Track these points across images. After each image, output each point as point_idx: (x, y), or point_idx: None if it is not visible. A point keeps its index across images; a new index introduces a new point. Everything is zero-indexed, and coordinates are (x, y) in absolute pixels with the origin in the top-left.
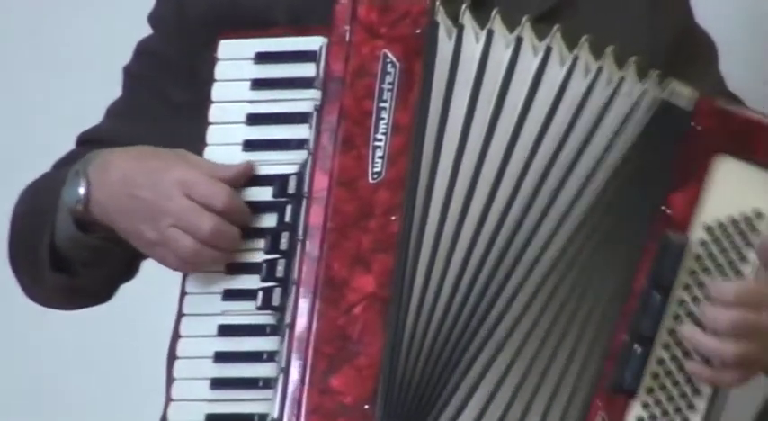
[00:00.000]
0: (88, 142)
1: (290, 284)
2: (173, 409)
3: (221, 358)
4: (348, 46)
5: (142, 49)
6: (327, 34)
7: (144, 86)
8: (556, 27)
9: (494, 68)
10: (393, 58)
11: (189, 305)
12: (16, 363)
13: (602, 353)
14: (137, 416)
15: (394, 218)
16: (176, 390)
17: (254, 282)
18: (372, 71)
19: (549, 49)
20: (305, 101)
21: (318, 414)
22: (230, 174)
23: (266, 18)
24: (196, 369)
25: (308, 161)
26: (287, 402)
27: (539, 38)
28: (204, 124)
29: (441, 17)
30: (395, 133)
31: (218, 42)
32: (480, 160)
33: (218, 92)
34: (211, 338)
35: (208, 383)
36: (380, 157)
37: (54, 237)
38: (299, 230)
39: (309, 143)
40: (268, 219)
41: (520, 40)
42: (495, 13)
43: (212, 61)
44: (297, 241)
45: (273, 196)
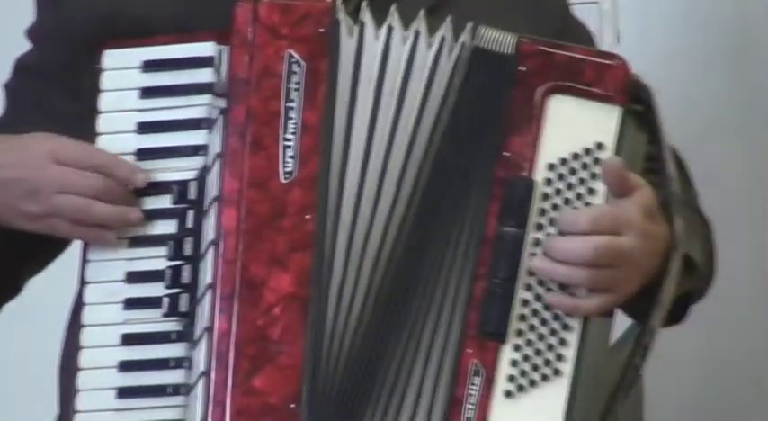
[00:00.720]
0: None
1: (199, 289)
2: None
3: (126, 367)
4: (251, 48)
5: (23, 65)
6: (217, 39)
7: (27, 101)
8: (421, 12)
9: (394, 63)
10: (298, 57)
11: (89, 315)
12: None
13: (466, 301)
14: None
15: (308, 216)
16: (81, 402)
17: (156, 290)
18: (278, 72)
19: (442, 40)
20: (199, 107)
21: (244, 415)
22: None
23: (149, 28)
24: (101, 379)
25: (209, 166)
26: (210, 405)
27: (429, 31)
28: (92, 135)
29: (342, 15)
30: (304, 132)
31: (102, 53)
32: (387, 154)
33: (105, 102)
34: (114, 348)
35: (114, 393)
36: (291, 157)
37: None
38: (204, 235)
39: (209, 148)
40: (168, 227)
41: (417, 34)
42: (393, 9)
43: (96, 72)
44: (208, 245)
45: (173, 203)
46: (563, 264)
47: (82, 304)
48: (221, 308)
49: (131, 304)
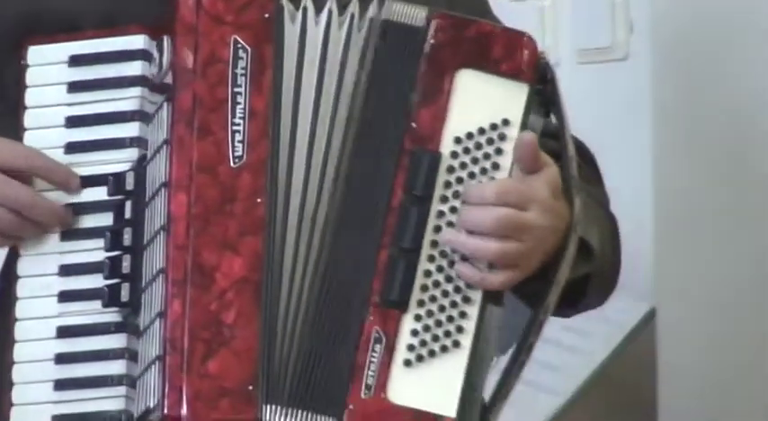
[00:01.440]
0: None
1: (144, 278)
2: (15, 414)
3: (63, 359)
4: (196, 35)
5: None
6: (148, 33)
7: None
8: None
9: (334, 47)
10: (243, 43)
11: (22, 309)
12: None
13: (370, 269)
14: None
15: (259, 200)
16: (17, 395)
17: (93, 282)
18: (223, 58)
19: (352, 17)
20: (130, 99)
21: (200, 399)
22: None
23: (74, 24)
24: (37, 372)
25: (148, 157)
26: (167, 389)
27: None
28: (17, 131)
29: (284, 1)
30: (252, 118)
31: (27, 48)
32: (329, 138)
33: (31, 97)
34: (50, 341)
35: (51, 385)
36: (240, 142)
37: None
38: (147, 224)
39: (147, 140)
40: (103, 219)
41: (353, 16)
42: None
43: (20, 68)
44: (156, 232)
45: (109, 194)
46: (471, 237)
47: (10, 299)
48: (174, 292)
49: (66, 297)
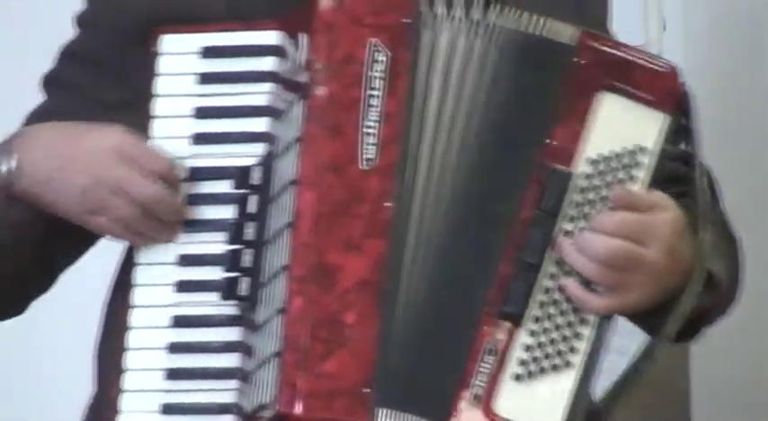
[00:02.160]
0: None
1: (264, 274)
2: (126, 400)
3: (176, 349)
4: (333, 34)
5: (70, 52)
6: (282, 28)
7: (70, 90)
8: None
9: (459, 53)
10: (382, 46)
11: (138, 296)
12: None
13: (490, 280)
14: None
15: (387, 204)
16: (129, 381)
17: (212, 274)
18: (360, 59)
19: (493, 27)
20: (260, 94)
21: (314, 397)
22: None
23: (205, 14)
24: (149, 360)
25: (277, 153)
26: (282, 386)
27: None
28: (144, 119)
29: (424, 7)
30: (385, 121)
31: (159, 37)
32: (448, 143)
33: (162, 86)
34: (165, 329)
35: (163, 374)
36: (371, 144)
37: None
38: (270, 220)
39: (276, 136)
40: (225, 212)
41: (477, 23)
42: (462, 2)
43: (151, 57)
44: (282, 228)
45: (234, 187)
46: (580, 254)
47: (128, 285)
48: (296, 289)
49: (184, 287)
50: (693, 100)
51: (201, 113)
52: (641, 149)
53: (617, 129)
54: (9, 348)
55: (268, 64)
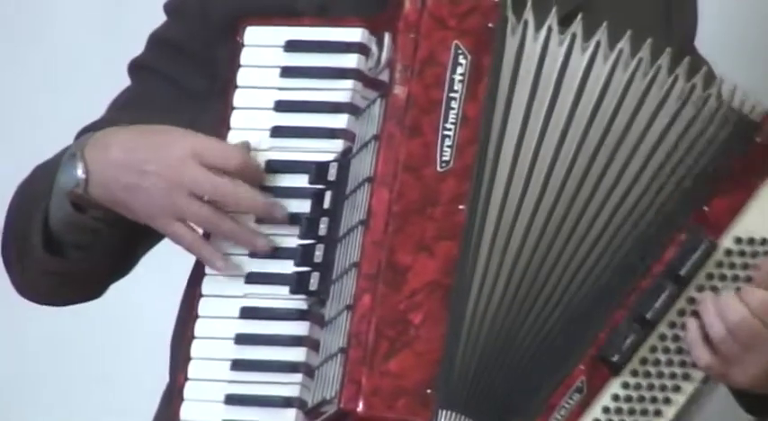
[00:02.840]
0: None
1: (335, 270)
2: (190, 388)
3: (243, 340)
4: (417, 35)
5: (157, 40)
6: (366, 26)
7: (158, 76)
8: (604, 24)
9: (549, 65)
10: (465, 49)
11: (209, 286)
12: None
13: (603, 320)
14: None
15: (461, 207)
16: (194, 370)
17: (282, 267)
18: (442, 61)
19: (597, 44)
20: (341, 91)
21: (377, 395)
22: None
23: (291, 7)
24: (215, 349)
25: (354, 150)
26: (345, 382)
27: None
28: (226, 110)
29: (509, 13)
30: (464, 124)
31: (245, 28)
32: (536, 153)
33: (244, 77)
34: (233, 320)
35: (228, 364)
36: (449, 147)
37: (48, 220)
38: (344, 217)
39: (351, 133)
40: (299, 205)
41: (574, 36)
42: (553, 12)
43: (236, 47)
44: (355, 225)
45: (310, 182)
46: (716, 312)
47: (200, 274)
48: (364, 287)
49: (254, 278)
50: None
51: (282, 106)
52: None
53: None
54: (92, 333)
55: (351, 61)
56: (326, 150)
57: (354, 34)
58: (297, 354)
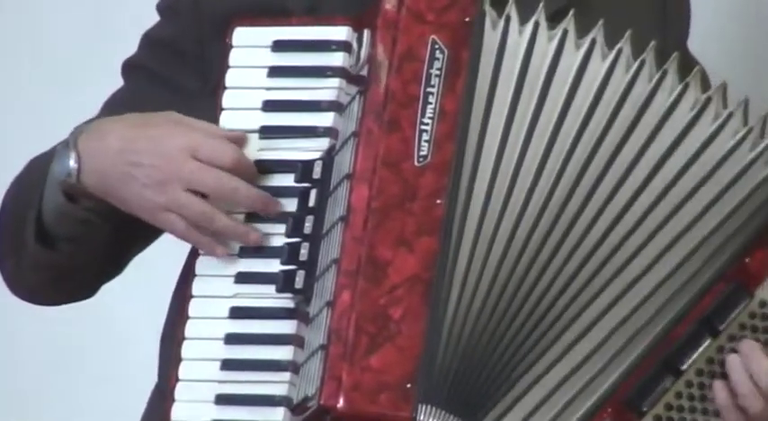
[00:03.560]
0: None
1: (318, 268)
2: (181, 389)
3: (232, 340)
4: (396, 30)
5: (150, 39)
6: (352, 25)
7: (151, 76)
8: (600, 22)
9: (538, 60)
10: (441, 44)
11: (198, 287)
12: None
13: (634, 364)
14: None
15: (439, 201)
16: (184, 371)
17: (270, 266)
18: (420, 56)
19: (593, 42)
20: (328, 89)
21: (359, 391)
22: (231, 135)
23: (280, 8)
24: (206, 350)
25: (337, 147)
26: (326, 379)
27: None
28: (216, 110)
29: (487, 7)
30: (441, 118)
31: (233, 29)
32: (524, 148)
33: (232, 78)
34: (222, 320)
35: (218, 364)
36: (427, 141)
37: (41, 212)
38: (328, 214)
39: (339, 131)
40: (286, 204)
41: (565, 32)
42: (541, 6)
43: (225, 48)
44: (335, 222)
45: (296, 181)
46: (744, 371)
47: (191, 275)
48: (344, 283)
49: (243, 278)
50: None
51: (269, 106)
52: None
53: None
54: (81, 333)
55: (337, 59)
56: (314, 149)
57: (340, 33)
58: (285, 353)
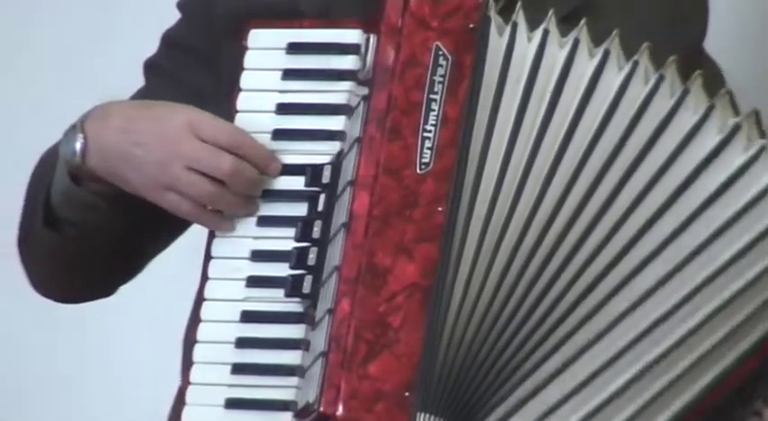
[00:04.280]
0: None
1: (323, 272)
2: (191, 393)
3: (243, 344)
4: (399, 36)
5: (169, 39)
6: (363, 27)
7: (169, 76)
8: (615, 32)
9: (547, 68)
10: (445, 50)
11: (211, 289)
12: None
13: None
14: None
15: (440, 208)
16: (195, 374)
17: (279, 270)
18: (423, 62)
19: (607, 53)
20: (340, 93)
21: (356, 399)
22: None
23: (293, 9)
24: (217, 353)
25: (344, 152)
26: (325, 387)
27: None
28: (230, 112)
29: (493, 13)
30: (444, 125)
31: (248, 31)
32: (531, 157)
33: (247, 80)
34: (234, 324)
35: (229, 368)
36: (429, 148)
37: (50, 195)
38: (334, 218)
39: (347, 134)
40: (299, 208)
41: (577, 41)
42: (551, 13)
43: (240, 50)
44: (338, 228)
45: (306, 185)
46: None
47: (205, 279)
48: (344, 291)
49: (254, 282)
50: None
51: (283, 109)
52: None
53: None
54: (96, 335)
55: (348, 62)
56: (324, 152)
57: (352, 35)
58: (293, 357)
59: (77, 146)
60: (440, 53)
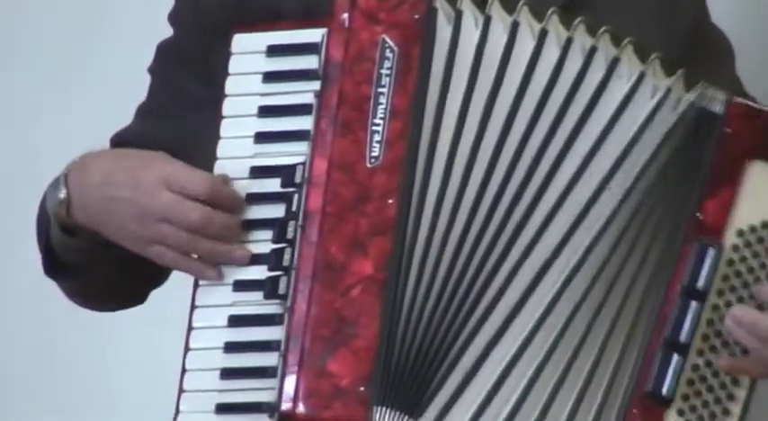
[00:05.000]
0: (119, 144)
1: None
2: (184, 401)
3: (231, 348)
4: (348, 32)
5: (162, 49)
6: (329, 24)
7: (164, 85)
8: (552, 9)
9: (491, 53)
10: (391, 43)
11: (201, 297)
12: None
13: (636, 359)
14: None
15: (391, 201)
16: (188, 382)
17: (260, 272)
18: (371, 56)
19: (544, 32)
20: (309, 92)
21: (315, 397)
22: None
23: (278, 10)
24: (207, 360)
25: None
26: (284, 386)
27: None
28: (219, 118)
29: (439, 3)
30: (392, 118)
31: (232, 36)
32: (476, 144)
33: (231, 85)
34: (222, 329)
35: (218, 374)
36: (378, 142)
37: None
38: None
39: (310, 132)
40: (277, 210)
41: (516, 23)
42: (491, 1)
43: (227, 56)
44: (296, 227)
45: (282, 186)
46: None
47: (196, 286)
48: (300, 289)
49: (239, 286)
50: None
51: (263, 112)
52: None
53: (765, 197)
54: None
55: (313, 62)
56: (302, 153)
57: (315, 35)
58: (274, 359)
59: (61, 198)
60: (386, 46)
